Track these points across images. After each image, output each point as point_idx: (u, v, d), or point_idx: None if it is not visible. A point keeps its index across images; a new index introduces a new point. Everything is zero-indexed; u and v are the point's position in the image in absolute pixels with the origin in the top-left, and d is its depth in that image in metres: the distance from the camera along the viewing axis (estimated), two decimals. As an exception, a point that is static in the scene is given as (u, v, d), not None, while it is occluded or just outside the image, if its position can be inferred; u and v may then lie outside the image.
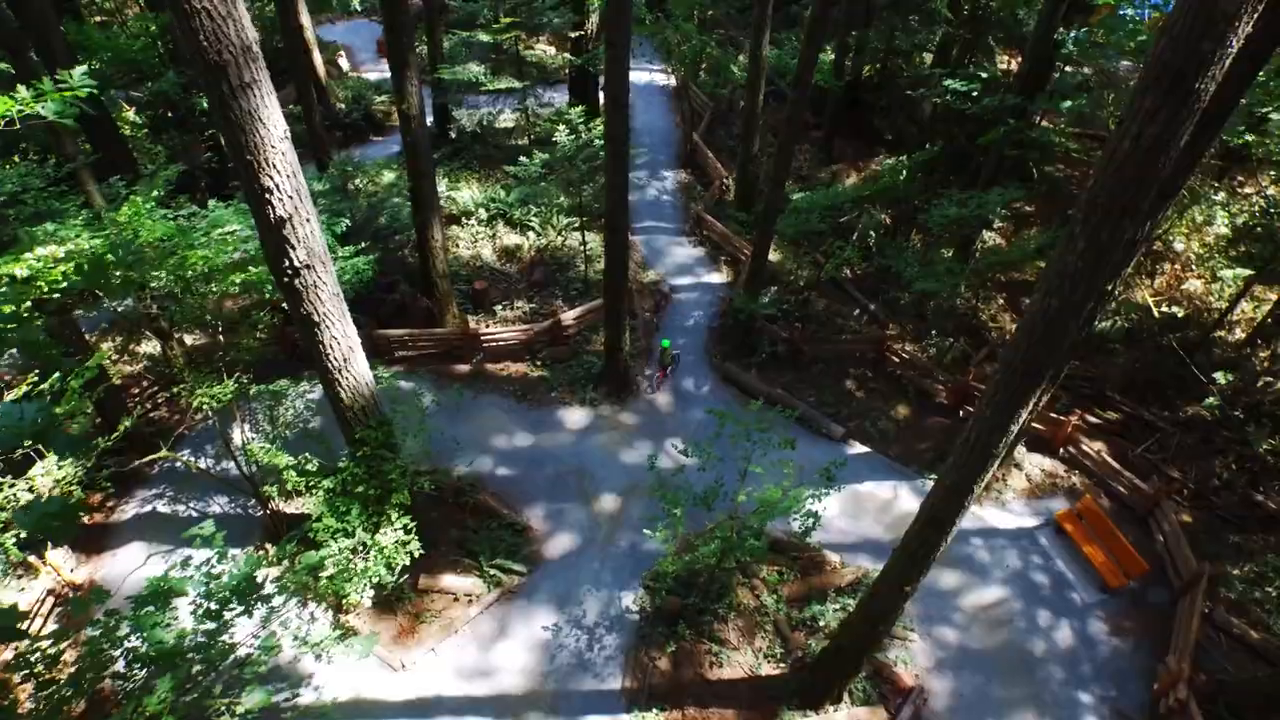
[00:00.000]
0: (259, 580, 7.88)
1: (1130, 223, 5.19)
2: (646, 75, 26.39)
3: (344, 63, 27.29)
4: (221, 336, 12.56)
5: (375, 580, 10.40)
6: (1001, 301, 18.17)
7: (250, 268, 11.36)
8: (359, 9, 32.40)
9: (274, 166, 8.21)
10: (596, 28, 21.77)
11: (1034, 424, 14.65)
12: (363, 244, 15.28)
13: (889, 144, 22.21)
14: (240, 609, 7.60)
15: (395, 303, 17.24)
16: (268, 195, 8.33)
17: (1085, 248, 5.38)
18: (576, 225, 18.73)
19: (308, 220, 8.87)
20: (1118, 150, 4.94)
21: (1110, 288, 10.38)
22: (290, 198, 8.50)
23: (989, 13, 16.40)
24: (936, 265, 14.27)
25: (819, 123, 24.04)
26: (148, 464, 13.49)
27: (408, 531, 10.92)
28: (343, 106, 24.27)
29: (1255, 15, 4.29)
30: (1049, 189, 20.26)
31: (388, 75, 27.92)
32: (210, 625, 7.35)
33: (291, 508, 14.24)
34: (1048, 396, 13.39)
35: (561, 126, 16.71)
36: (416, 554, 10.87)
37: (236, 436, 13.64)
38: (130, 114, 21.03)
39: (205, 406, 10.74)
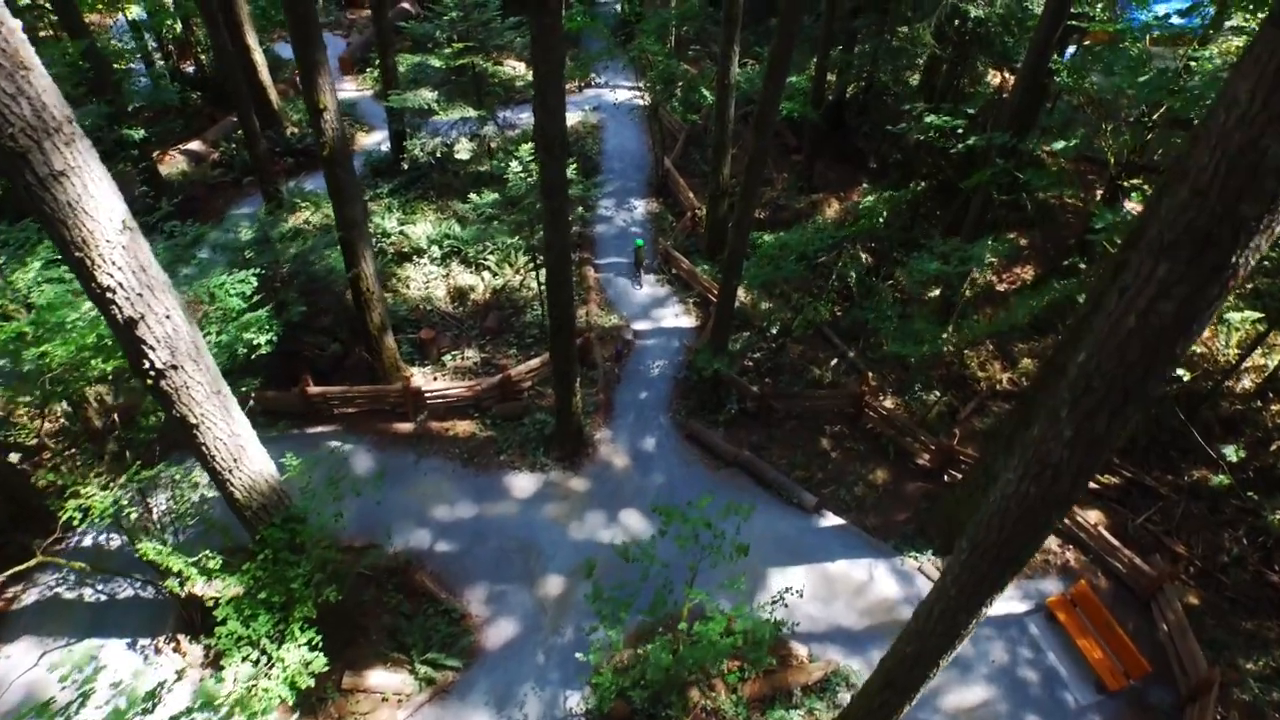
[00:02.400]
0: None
1: (1134, 407, 3.89)
2: (620, 94, 25.00)
3: (302, 81, 25.85)
4: (116, 416, 11.26)
5: (279, 701, 9.15)
6: (990, 348, 16.85)
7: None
8: (325, 21, 30.98)
9: (112, 263, 6.89)
10: (560, 48, 20.38)
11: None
12: (289, 296, 13.95)
13: (873, 171, 20.88)
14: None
15: (334, 355, 15.90)
16: (109, 296, 7.01)
17: (1074, 437, 4.06)
18: (533, 266, 17.39)
19: (167, 317, 7.56)
20: (1119, 325, 3.63)
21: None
22: (139, 295, 7.19)
23: (975, 37, 15.10)
24: (914, 323, 12.91)
25: (799, 145, 22.72)
26: (54, 541, 12.20)
27: (313, 648, 9.63)
28: (295, 131, 22.87)
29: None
30: (1043, 219, 18.97)
31: (353, 94, 26.63)
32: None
33: (212, 589, 12.95)
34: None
35: (514, 162, 15.36)
36: (321, 669, 9.60)
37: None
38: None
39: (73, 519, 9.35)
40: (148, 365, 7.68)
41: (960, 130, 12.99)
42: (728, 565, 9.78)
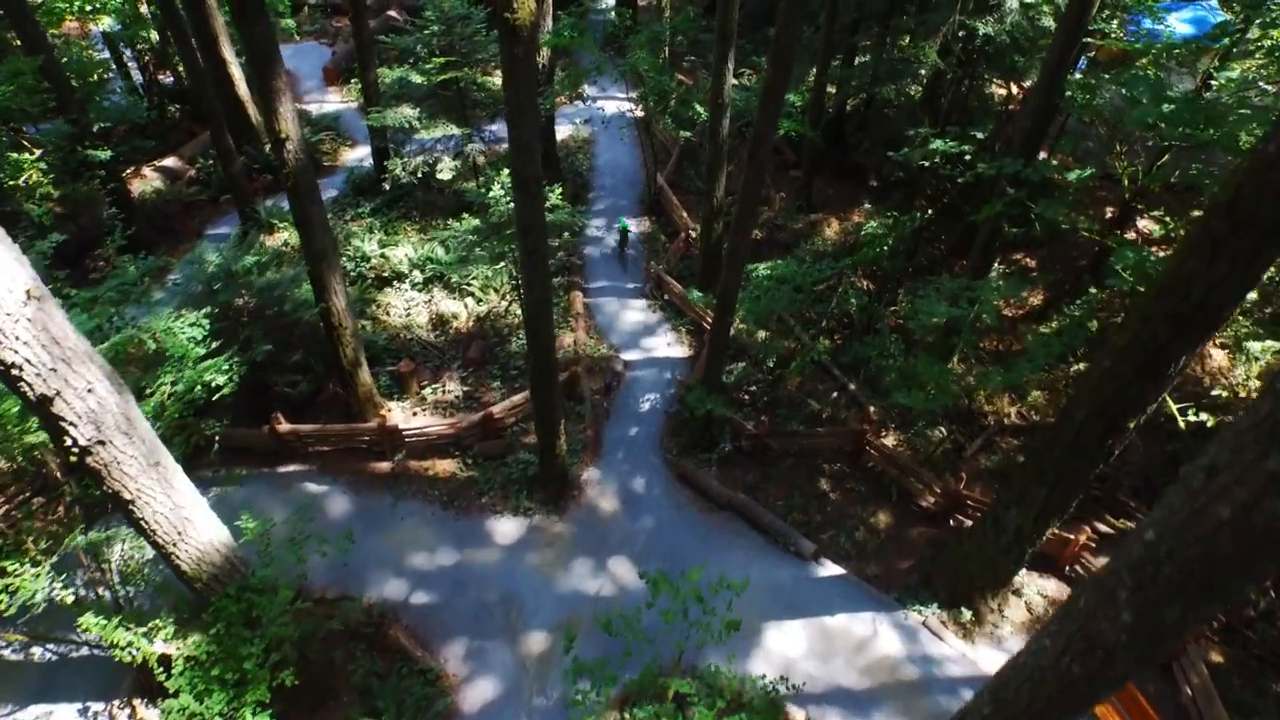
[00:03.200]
0: None
1: (1219, 604, 3.10)
2: (613, 106, 24.14)
3: (284, 93, 25.00)
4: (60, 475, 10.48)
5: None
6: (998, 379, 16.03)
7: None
8: (309, 29, 30.18)
9: (15, 339, 6.09)
10: (549, 61, 19.58)
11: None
12: (255, 333, 13.17)
13: (874, 190, 20.08)
14: None
15: (308, 391, 15.11)
16: (15, 374, 6.23)
17: (1134, 623, 3.28)
18: (518, 293, 16.59)
19: (89, 390, 6.78)
20: (1207, 512, 2.85)
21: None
22: (52, 371, 6.40)
23: (983, 54, 14.28)
24: (919, 364, 12.10)
25: (798, 160, 21.91)
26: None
27: (268, 735, 8.87)
28: (275, 146, 22.04)
29: None
30: (1051, 239, 18.16)
31: (337, 106, 25.81)
32: None
33: (171, 648, 12.19)
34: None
35: (496, 187, 14.57)
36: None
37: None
38: (32, 158, 18.82)
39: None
40: (69, 443, 6.92)
41: (968, 156, 12.18)
42: (717, 644, 9.00)
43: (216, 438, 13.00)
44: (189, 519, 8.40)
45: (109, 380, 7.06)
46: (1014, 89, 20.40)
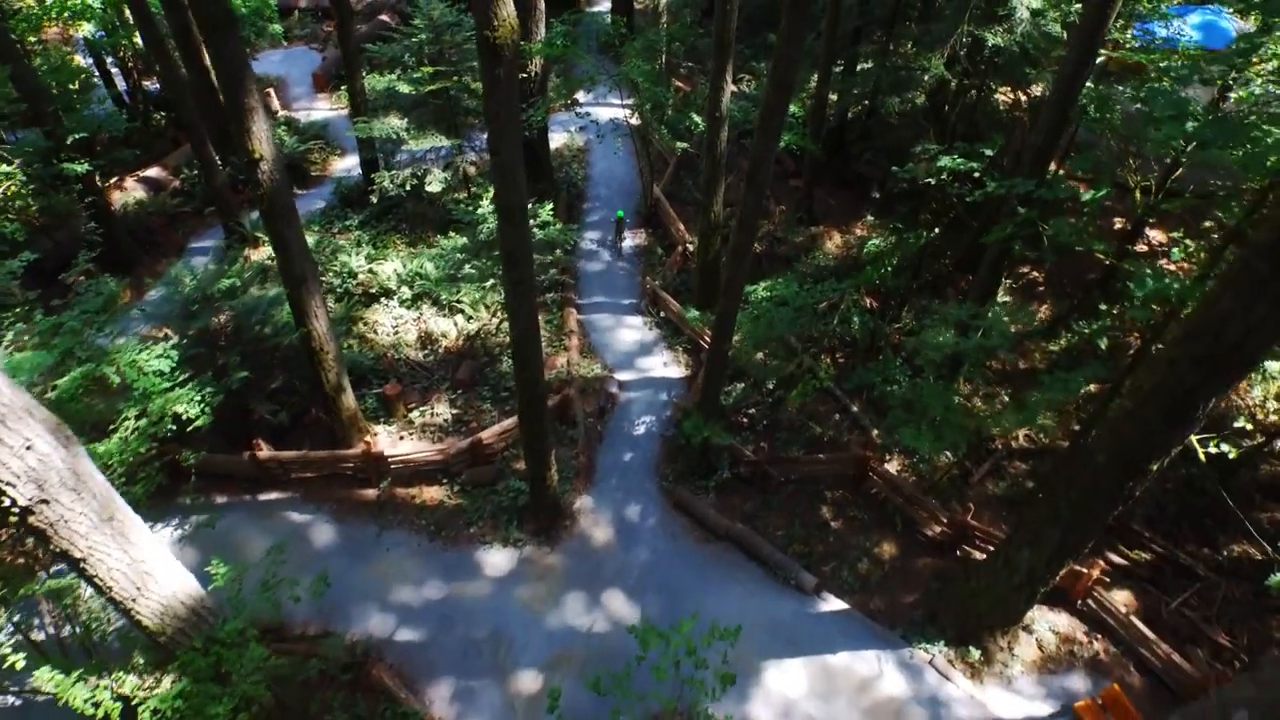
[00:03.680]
0: None
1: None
2: (609, 112, 23.52)
3: (274, 101, 24.46)
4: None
5: None
6: (1006, 399, 15.52)
7: None
8: (300, 33, 29.58)
9: (-61, 399, 5.57)
10: (541, 69, 19.01)
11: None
12: (231, 360, 12.63)
13: (877, 202, 19.50)
14: None
15: (288, 421, 14.53)
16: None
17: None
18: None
19: (28, 448, 6.25)
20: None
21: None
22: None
23: (992, 66, 13.71)
24: (924, 392, 11.54)
25: (798, 169, 21.34)
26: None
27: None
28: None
29: None
30: (1061, 252, 17.60)
31: (327, 114, 25.18)
32: None
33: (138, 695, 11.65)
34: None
35: (484, 203, 14.02)
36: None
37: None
38: (9, 168, 18.20)
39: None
40: (8, 503, 6.38)
41: (977, 174, 11.62)
42: (711, 700, 8.46)
43: (193, 471, 12.44)
44: (148, 573, 7.87)
45: (53, 435, 6.53)
46: (1021, 96, 19.84)
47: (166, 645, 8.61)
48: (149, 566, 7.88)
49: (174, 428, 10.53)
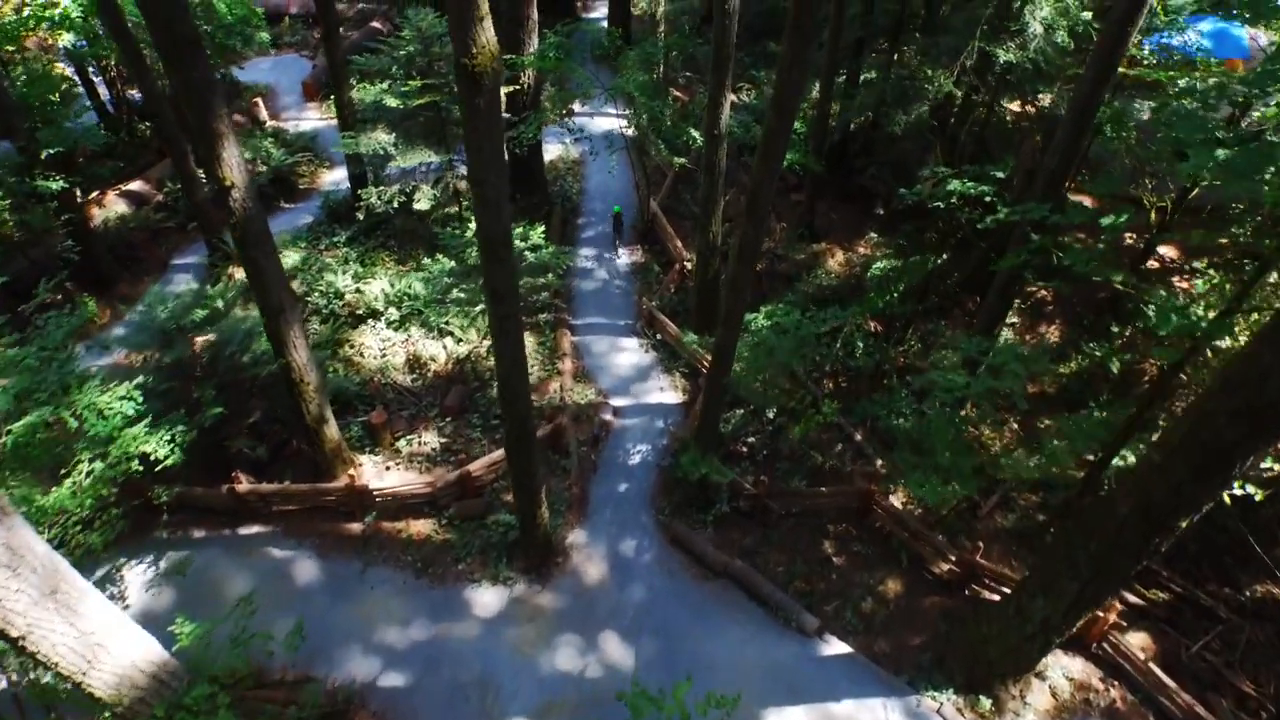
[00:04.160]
0: None
1: None
2: (605, 123, 22.96)
3: (262, 111, 23.88)
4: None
5: None
6: (1015, 427, 14.96)
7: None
8: (290, 40, 29.00)
9: None
10: (534, 80, 18.45)
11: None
12: (205, 394, 12.06)
13: (881, 219, 18.94)
14: None
15: (272, 444, 13.99)
16: None
17: None
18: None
19: (-44, 524, 5.68)
20: None
21: None
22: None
23: (1003, 82, 13.15)
24: (932, 425, 10.97)
25: (800, 183, 20.75)
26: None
27: None
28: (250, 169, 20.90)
29: None
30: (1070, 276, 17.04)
31: (316, 123, 24.60)
32: None
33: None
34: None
35: (473, 226, 13.45)
36: None
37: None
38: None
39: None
40: (-65, 586, 5.83)
41: (989, 198, 11.05)
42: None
43: (165, 509, 11.90)
44: (100, 644, 7.29)
45: (-11, 513, 5.96)
46: (1030, 108, 19.29)
47: (124, 716, 8.05)
48: (100, 637, 7.31)
49: (141, 469, 9.99)
